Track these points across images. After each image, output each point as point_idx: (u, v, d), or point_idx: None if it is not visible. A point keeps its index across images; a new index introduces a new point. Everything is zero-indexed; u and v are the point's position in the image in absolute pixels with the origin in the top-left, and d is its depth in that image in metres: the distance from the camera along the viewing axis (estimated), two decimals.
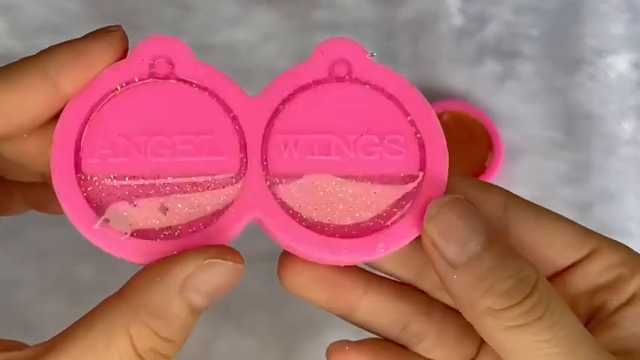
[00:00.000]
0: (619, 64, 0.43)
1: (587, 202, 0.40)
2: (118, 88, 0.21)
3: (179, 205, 0.21)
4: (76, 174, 0.20)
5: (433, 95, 0.42)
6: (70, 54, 0.21)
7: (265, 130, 0.21)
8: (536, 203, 0.23)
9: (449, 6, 0.45)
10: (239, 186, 0.21)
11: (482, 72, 0.43)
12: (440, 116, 0.41)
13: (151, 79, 0.21)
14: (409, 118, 0.22)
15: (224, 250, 0.20)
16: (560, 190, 0.41)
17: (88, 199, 0.20)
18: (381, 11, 0.44)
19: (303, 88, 0.22)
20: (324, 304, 0.23)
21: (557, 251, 0.23)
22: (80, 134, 0.21)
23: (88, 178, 0.21)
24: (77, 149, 0.20)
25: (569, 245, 0.23)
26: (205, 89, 0.22)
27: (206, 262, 0.19)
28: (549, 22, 0.44)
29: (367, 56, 0.22)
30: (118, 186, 0.21)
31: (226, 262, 0.19)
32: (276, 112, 0.21)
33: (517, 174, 0.41)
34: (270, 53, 0.43)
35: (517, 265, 0.19)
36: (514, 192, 0.40)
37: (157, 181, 0.21)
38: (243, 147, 0.21)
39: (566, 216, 0.40)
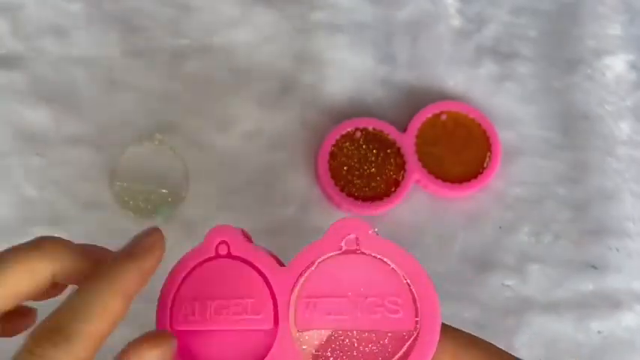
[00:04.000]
0: (616, 64, 0.43)
1: (585, 201, 0.40)
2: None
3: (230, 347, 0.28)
4: (170, 328, 0.28)
5: (432, 96, 0.42)
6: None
7: (291, 294, 0.27)
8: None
9: (447, 7, 0.45)
10: (274, 338, 0.27)
11: (481, 73, 0.43)
12: (438, 116, 0.41)
13: (216, 258, 0.29)
14: (406, 282, 0.26)
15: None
16: (558, 189, 0.41)
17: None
18: (380, 12, 0.44)
19: (323, 261, 0.27)
20: None
21: None
22: (173, 301, 0.28)
23: (175, 331, 0.28)
24: (171, 311, 0.28)
25: None
26: (250, 264, 0.28)
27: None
28: (547, 24, 0.45)
29: (370, 232, 0.27)
30: (194, 336, 0.28)
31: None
32: (298, 280, 0.27)
33: (515, 174, 0.41)
34: (269, 54, 0.43)
35: None
36: (512, 191, 0.41)
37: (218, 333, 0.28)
38: (276, 308, 0.27)
39: (563, 215, 0.40)
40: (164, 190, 0.39)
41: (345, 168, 0.40)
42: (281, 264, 0.29)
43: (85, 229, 0.39)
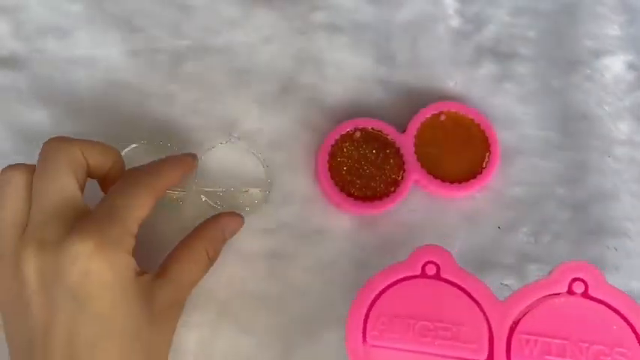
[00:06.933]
0: (615, 65, 0.44)
1: (584, 202, 0.41)
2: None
3: None
4: (363, 342, 0.27)
5: (431, 96, 0.42)
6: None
7: (510, 329, 0.26)
8: None
9: (446, 8, 0.45)
10: None
11: (480, 73, 0.43)
12: (437, 117, 0.41)
13: (421, 278, 0.28)
14: (637, 337, 0.26)
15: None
16: (557, 190, 0.41)
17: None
18: (379, 13, 0.45)
19: (544, 299, 0.27)
20: None
21: None
22: (367, 313, 0.27)
23: (369, 345, 0.27)
24: (365, 324, 0.27)
25: None
26: (462, 289, 0.27)
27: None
28: (546, 24, 0.45)
29: (603, 279, 0.26)
30: (389, 352, 0.27)
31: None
32: (520, 316, 0.27)
33: (514, 174, 0.41)
34: (269, 55, 0.43)
35: None
36: (511, 191, 0.41)
37: (420, 355, 0.27)
38: (492, 339, 0.26)
39: (562, 215, 0.40)
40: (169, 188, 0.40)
41: (344, 168, 0.40)
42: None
43: None
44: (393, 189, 0.40)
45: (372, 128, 0.41)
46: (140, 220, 0.32)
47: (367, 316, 0.27)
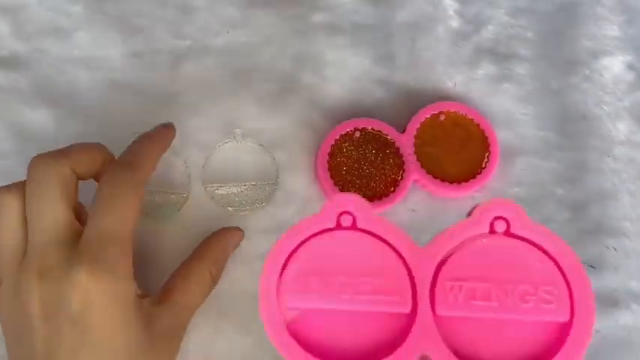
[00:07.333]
0: (614, 65, 0.44)
1: (582, 201, 0.41)
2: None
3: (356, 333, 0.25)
4: (277, 305, 0.25)
5: (430, 96, 0.42)
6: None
7: (433, 276, 0.25)
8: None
9: (446, 8, 0.45)
10: (412, 323, 0.24)
11: (479, 73, 0.43)
12: (437, 117, 0.41)
13: (337, 230, 0.25)
14: (562, 273, 0.24)
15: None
16: (556, 190, 0.41)
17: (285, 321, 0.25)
18: (379, 14, 0.45)
19: (465, 241, 0.25)
20: None
21: None
22: (281, 275, 0.25)
23: (285, 308, 0.25)
24: (278, 286, 0.25)
25: None
26: (381, 239, 0.25)
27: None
28: (545, 24, 0.45)
29: (526, 216, 0.25)
30: (307, 313, 0.25)
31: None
32: (442, 262, 0.25)
33: (513, 174, 0.41)
34: (270, 55, 0.43)
35: None
36: (510, 191, 0.41)
37: (340, 314, 0.25)
38: (415, 290, 0.24)
39: (561, 215, 0.40)
40: (167, 191, 0.40)
41: (344, 168, 0.40)
42: None
43: None
44: (392, 189, 0.40)
45: (371, 128, 0.41)
46: (132, 228, 0.32)
47: (280, 277, 0.25)
